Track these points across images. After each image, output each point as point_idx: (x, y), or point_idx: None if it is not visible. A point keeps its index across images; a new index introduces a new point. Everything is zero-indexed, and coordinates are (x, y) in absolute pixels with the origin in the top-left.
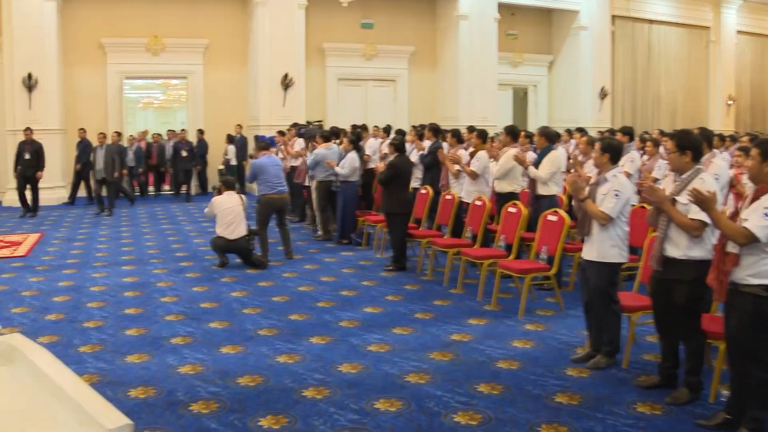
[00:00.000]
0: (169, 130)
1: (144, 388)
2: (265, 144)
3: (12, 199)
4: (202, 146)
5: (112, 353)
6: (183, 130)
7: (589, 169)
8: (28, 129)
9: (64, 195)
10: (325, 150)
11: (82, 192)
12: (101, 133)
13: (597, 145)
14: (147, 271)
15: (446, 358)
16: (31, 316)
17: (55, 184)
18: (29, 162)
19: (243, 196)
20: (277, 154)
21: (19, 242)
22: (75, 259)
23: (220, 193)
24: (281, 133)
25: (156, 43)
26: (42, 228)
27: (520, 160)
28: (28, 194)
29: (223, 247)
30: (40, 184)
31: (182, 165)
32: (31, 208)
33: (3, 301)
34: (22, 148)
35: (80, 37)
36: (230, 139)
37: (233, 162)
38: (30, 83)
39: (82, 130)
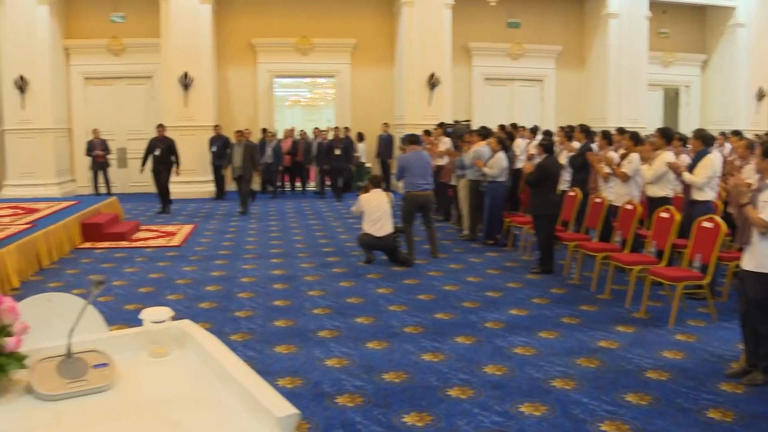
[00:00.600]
0: (315, 128)
1: (291, 378)
2: (413, 138)
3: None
4: (348, 144)
5: (261, 343)
6: (336, 128)
7: (748, 175)
8: (160, 126)
9: (214, 189)
10: (483, 148)
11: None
12: (238, 131)
13: (758, 150)
14: (295, 265)
15: (593, 365)
16: (185, 303)
17: (207, 178)
18: (160, 158)
19: (390, 193)
20: None
21: (174, 233)
22: (226, 250)
23: (367, 191)
24: (427, 132)
25: (305, 43)
26: (194, 220)
27: (674, 167)
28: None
29: (370, 243)
30: (186, 178)
31: (336, 163)
32: (164, 207)
33: (159, 288)
34: (153, 144)
35: (232, 38)
36: (360, 137)
37: (363, 159)
38: (186, 81)
39: (218, 127)
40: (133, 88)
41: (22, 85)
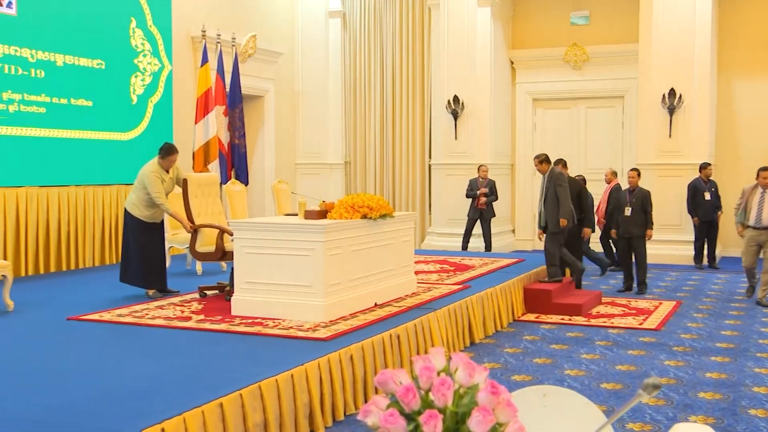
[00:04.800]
0: None
1: None
2: None
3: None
4: None
5: None
6: None
7: None
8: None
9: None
10: None
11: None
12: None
13: None
14: None
15: None
16: (667, 411)
17: (687, 238)
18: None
19: None
20: None
21: (648, 311)
22: (727, 343)
23: None
24: None
25: None
26: (676, 295)
27: None
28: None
29: None
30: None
31: None
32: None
33: (630, 387)
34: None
35: (741, 39)
36: None
37: None
38: (671, 103)
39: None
40: (597, 111)
41: (456, 108)
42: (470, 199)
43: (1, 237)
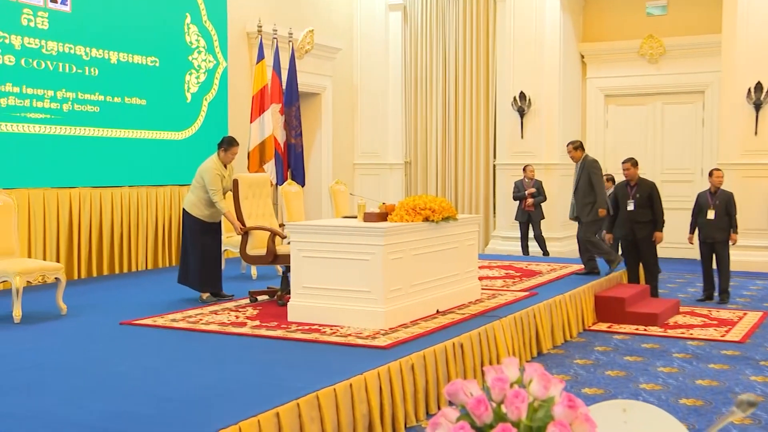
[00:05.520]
0: None
1: None
2: None
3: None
4: None
5: None
6: None
7: None
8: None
9: None
10: None
11: None
12: None
13: None
14: None
15: None
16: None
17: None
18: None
19: None
20: None
21: (732, 322)
22: None
23: None
24: None
25: None
26: (763, 306)
27: None
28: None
29: None
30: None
31: None
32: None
33: (713, 404)
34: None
35: None
36: None
37: None
38: (757, 97)
39: None
40: (675, 108)
41: (522, 105)
42: (518, 202)
43: (54, 239)
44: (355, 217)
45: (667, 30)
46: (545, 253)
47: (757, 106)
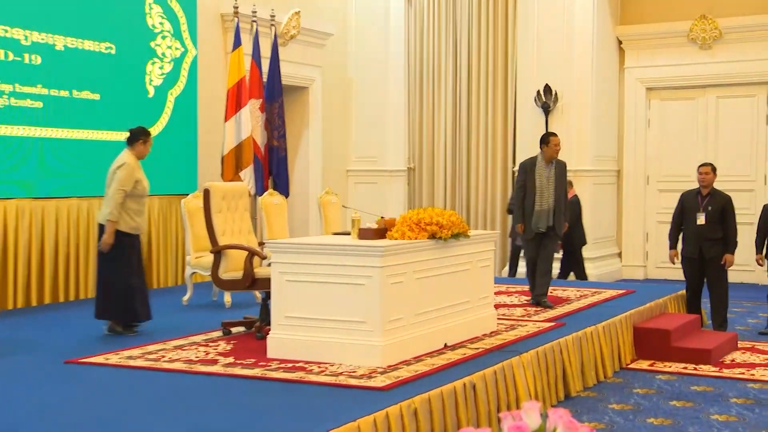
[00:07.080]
0: None
1: None
2: None
3: None
4: None
5: None
6: None
7: None
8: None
9: None
10: None
11: None
12: None
13: None
14: None
15: None
16: None
17: None
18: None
19: None
20: None
21: None
22: None
23: None
24: None
25: None
26: None
27: None
28: None
29: None
30: None
31: None
32: None
33: None
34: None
35: None
36: None
37: None
38: None
39: None
40: (733, 102)
41: (547, 101)
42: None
43: None
44: (349, 234)
45: (723, 9)
46: (583, 277)
47: None
